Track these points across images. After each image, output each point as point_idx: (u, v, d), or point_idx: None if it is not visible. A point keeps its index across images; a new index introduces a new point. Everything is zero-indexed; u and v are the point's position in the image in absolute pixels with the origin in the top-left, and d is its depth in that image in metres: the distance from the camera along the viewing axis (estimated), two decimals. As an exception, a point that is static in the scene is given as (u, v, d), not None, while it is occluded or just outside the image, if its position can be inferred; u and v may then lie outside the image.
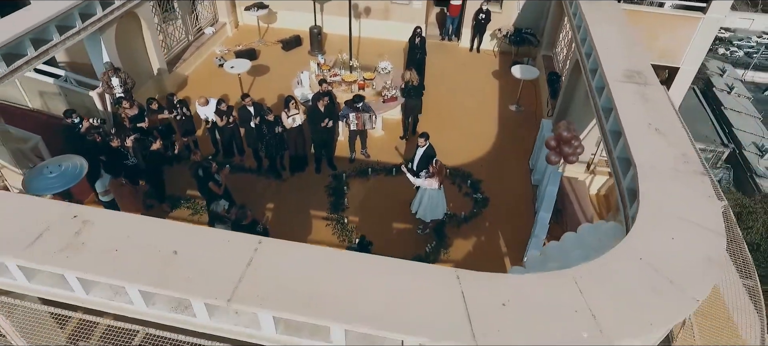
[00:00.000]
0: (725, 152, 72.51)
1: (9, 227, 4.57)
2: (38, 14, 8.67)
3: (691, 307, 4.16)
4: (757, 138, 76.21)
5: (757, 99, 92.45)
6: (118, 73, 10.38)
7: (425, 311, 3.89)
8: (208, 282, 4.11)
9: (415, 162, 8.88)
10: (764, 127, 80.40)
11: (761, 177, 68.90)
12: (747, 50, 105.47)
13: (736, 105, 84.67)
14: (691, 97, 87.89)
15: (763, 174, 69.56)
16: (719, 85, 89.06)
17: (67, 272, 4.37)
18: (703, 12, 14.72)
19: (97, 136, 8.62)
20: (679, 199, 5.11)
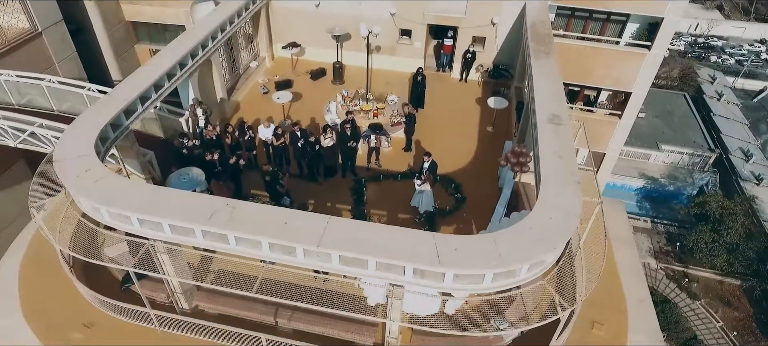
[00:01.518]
0: (712, 157, 76.37)
1: (196, 211, 8.58)
2: (157, 69, 12.69)
3: (551, 254, 8.16)
4: (744, 143, 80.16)
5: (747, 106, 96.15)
6: (201, 105, 14.43)
7: (416, 253, 7.89)
8: (305, 237, 8.12)
9: (423, 171, 12.88)
10: (751, 133, 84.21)
11: (745, 180, 72.83)
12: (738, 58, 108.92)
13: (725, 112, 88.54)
14: (681, 104, 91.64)
15: (747, 178, 73.53)
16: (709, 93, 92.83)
17: (230, 232, 8.37)
18: (648, 49, 18.55)
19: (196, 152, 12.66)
20: (561, 197, 9.07)
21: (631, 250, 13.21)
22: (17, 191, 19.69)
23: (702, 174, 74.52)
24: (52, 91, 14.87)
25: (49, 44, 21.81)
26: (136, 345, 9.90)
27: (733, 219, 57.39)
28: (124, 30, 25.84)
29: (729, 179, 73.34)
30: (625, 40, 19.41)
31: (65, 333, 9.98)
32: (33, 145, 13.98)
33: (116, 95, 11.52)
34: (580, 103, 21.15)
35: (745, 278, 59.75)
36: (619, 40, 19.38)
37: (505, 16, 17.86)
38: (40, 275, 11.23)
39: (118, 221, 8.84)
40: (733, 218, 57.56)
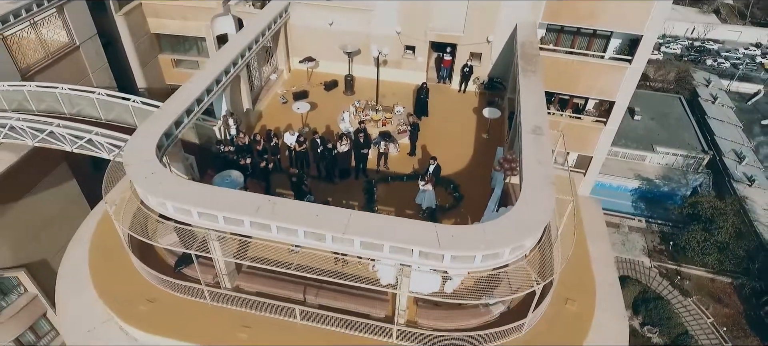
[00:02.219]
0: (706, 159, 78.49)
1: (245, 205, 10.73)
2: (198, 85, 14.83)
3: (529, 240, 10.29)
4: (737, 145, 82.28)
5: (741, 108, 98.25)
6: (232, 116, 16.59)
7: (421, 238, 10.04)
8: (333, 227, 10.26)
9: (427, 173, 14.99)
10: (744, 135, 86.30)
11: (738, 182, 75.02)
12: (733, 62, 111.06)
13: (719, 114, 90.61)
14: (677, 107, 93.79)
15: (739, 179, 75.75)
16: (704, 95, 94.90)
17: (273, 222, 10.52)
18: (629, 63, 20.57)
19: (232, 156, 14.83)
20: (538, 195, 11.20)
21: (603, 242, 15.35)
22: (60, 189, 21.90)
23: (696, 175, 76.65)
24: (101, 102, 17.00)
25: (85, 56, 24.01)
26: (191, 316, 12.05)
27: (724, 219, 59.53)
28: (148, 42, 28.02)
29: (722, 180, 75.44)
30: (609, 55, 21.49)
31: (133, 306, 12.14)
32: (88, 151, 16.12)
33: (167, 109, 13.68)
34: (569, 110, 23.18)
35: (736, 276, 61.86)
36: (604, 55, 21.46)
37: (499, 35, 19.97)
38: (105, 261, 13.39)
39: (180, 213, 10.99)
40: (723, 217, 59.70)
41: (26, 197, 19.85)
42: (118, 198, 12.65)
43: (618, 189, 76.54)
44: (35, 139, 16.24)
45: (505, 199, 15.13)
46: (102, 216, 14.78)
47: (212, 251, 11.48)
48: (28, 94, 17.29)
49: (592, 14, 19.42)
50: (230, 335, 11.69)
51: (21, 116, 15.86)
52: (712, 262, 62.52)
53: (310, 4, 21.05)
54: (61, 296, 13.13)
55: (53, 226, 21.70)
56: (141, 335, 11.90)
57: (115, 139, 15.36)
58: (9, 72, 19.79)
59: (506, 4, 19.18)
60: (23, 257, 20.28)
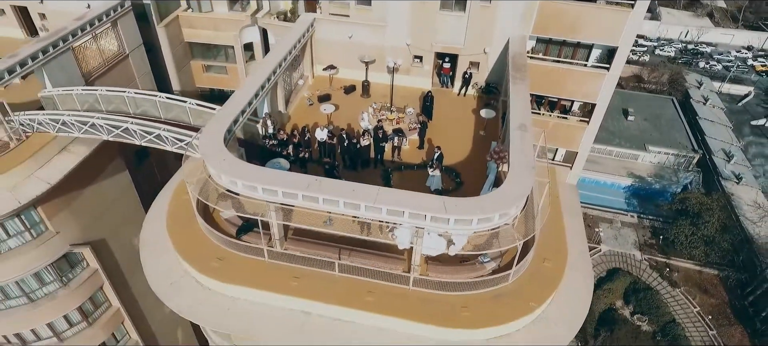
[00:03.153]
0: (696, 157, 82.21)
1: (298, 183, 14.18)
2: (248, 91, 18.25)
3: (513, 209, 13.76)
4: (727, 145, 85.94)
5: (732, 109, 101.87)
6: (271, 117, 20.05)
7: (432, 207, 13.51)
8: (366, 198, 13.73)
9: (434, 160, 18.40)
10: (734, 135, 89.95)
11: (726, 179, 78.75)
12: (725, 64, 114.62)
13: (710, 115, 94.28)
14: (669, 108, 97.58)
15: (728, 177, 79.50)
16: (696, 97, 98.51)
17: (320, 195, 13.98)
18: (607, 70, 23.92)
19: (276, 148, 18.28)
20: (521, 177, 14.64)
21: (577, 219, 18.81)
22: (115, 179, 25.38)
23: (686, 173, 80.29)
24: (161, 104, 20.41)
25: (133, 63, 27.50)
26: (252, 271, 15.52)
27: (710, 214, 63.09)
28: (183, 49, 31.49)
29: (711, 178, 79.06)
30: (591, 63, 24.93)
31: (207, 262, 15.58)
32: (155, 144, 19.54)
33: (227, 110, 17.14)
34: (557, 111, 26.59)
35: (721, 268, 65.37)
36: (587, 63, 24.89)
37: (494, 47, 23.40)
38: (179, 230, 16.83)
39: (248, 190, 14.43)
40: (710, 212, 63.27)
41: (92, 184, 23.29)
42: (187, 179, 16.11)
43: (612, 186, 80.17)
44: (111, 133, 19.70)
45: (497, 183, 18.56)
46: (172, 196, 18.22)
47: (271, 219, 14.93)
48: (99, 97, 20.74)
49: (575, 28, 22.79)
50: (284, 284, 15.12)
51: (101, 115, 19.31)
52: (699, 255, 66.08)
53: (333, 19, 24.53)
54: (146, 257, 16.61)
55: (110, 210, 25.18)
56: (214, 284, 15.36)
57: (179, 134, 18.78)
58: (76, 77, 23.26)
59: (500, 21, 22.62)
60: (87, 235, 23.74)
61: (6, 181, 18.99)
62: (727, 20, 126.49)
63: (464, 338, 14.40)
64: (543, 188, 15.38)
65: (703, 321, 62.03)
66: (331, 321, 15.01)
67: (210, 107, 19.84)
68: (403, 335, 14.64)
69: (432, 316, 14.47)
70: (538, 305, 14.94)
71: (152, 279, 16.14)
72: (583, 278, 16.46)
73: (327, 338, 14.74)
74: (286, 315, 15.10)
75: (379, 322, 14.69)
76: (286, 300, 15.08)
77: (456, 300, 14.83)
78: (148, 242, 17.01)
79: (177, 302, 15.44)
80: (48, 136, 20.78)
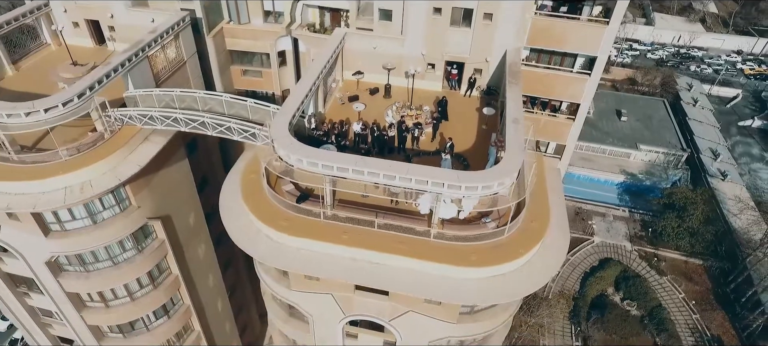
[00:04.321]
0: (684, 156, 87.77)
1: (348, 160, 19.17)
2: (301, 91, 23.21)
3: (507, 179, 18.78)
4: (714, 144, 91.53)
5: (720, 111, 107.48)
6: (313, 116, 25.02)
7: (448, 177, 18.52)
8: (399, 171, 18.74)
9: (446, 148, 23.33)
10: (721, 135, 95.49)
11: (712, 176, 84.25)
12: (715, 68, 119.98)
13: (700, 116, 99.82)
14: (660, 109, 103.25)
15: (714, 174, 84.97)
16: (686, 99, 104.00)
17: (365, 169, 18.96)
18: (589, 75, 28.82)
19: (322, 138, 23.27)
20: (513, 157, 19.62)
21: (559, 195, 23.74)
22: (178, 165, 30.38)
23: (675, 171, 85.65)
24: (226, 102, 25.33)
25: (189, 69, 32.50)
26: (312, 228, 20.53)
27: (694, 207, 68.22)
28: (225, 56, 36.44)
29: (699, 176, 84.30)
30: (575, 69, 29.86)
31: (277, 222, 20.56)
32: (224, 135, 24.49)
33: (287, 107, 22.09)
34: (548, 110, 31.53)
35: (705, 258, 70.59)
36: (572, 69, 29.82)
37: (494, 57, 28.36)
38: (252, 198, 21.79)
39: (310, 166, 19.36)
40: (694, 206, 68.40)
41: (162, 169, 28.25)
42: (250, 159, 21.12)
43: (605, 183, 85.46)
44: (188, 126, 24.71)
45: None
46: (241, 175, 23.21)
47: (326, 188, 19.93)
48: (175, 96, 25.72)
49: (562, 40, 27.70)
50: (337, 237, 20.08)
51: (181, 111, 24.31)
52: (685, 245, 71.41)
53: (359, 33, 29.54)
54: (228, 220, 21.59)
55: (174, 191, 30.19)
56: (284, 238, 20.35)
57: (244, 126, 23.76)
58: (149, 80, 28.24)
59: (499, 35, 27.59)
60: (158, 211, 28.72)
61: (108, 164, 23.95)
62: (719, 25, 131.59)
63: (471, 275, 19.38)
64: (531, 167, 20.37)
65: (687, 306, 67.16)
66: (372, 264, 20.00)
67: (265, 105, 24.85)
68: (426, 273, 19.65)
69: (448, 259, 19.46)
70: (525, 253, 19.93)
71: (235, 235, 21.15)
72: (561, 236, 21.43)
73: (369, 276, 19.73)
74: (339, 260, 20.08)
75: (409, 264, 19.67)
76: (338, 249, 20.05)
77: (465, 249, 19.81)
78: (227, 209, 21.99)
79: (256, 251, 20.49)
80: (134, 128, 25.78)
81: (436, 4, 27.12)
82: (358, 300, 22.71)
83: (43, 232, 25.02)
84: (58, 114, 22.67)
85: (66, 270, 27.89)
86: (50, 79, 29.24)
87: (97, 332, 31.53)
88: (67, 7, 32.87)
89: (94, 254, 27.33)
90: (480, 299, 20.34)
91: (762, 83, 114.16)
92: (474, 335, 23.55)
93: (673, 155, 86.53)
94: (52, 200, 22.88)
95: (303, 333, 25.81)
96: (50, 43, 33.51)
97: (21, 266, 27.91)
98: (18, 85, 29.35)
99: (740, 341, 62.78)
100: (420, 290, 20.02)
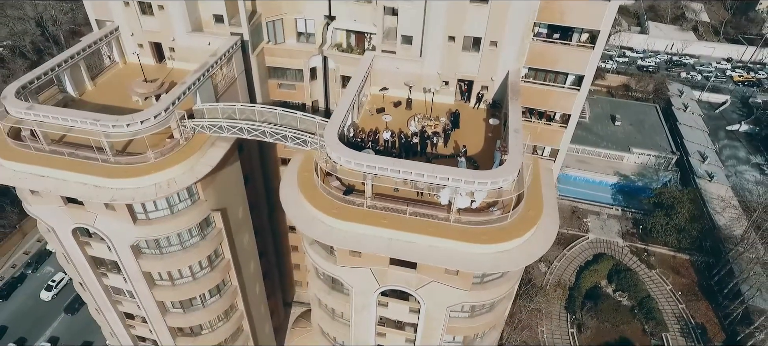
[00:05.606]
0: (674, 158, 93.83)
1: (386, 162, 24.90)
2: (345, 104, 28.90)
3: (510, 176, 24.53)
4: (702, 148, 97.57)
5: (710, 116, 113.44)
6: (351, 127, 30.73)
7: (465, 174, 24.26)
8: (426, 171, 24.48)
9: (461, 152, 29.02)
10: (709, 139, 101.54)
11: (700, 178, 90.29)
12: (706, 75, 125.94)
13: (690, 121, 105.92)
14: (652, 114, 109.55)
15: (702, 175, 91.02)
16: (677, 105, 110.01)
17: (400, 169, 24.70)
18: (578, 90, 34.56)
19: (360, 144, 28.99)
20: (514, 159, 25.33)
21: (551, 190, 29.43)
22: (233, 166, 36.09)
23: (665, 172, 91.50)
24: (279, 114, 30.98)
25: (238, 84, 38.24)
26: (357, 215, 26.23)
27: (681, 206, 73.93)
28: (264, 71, 42.18)
29: (687, 177, 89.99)
30: (567, 85, 35.56)
31: (330, 209, 26.26)
32: (279, 141, 30.17)
33: (334, 119, 27.75)
34: (544, 119, 37.24)
35: (691, 253, 76.28)
36: (564, 85, 35.52)
37: (498, 76, 34.03)
38: (308, 191, 27.49)
39: (357, 166, 25.03)
40: (681, 205, 74.10)
41: (222, 169, 33.96)
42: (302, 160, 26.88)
43: (600, 183, 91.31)
44: (250, 134, 30.43)
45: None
46: (297, 173, 28.88)
47: (367, 183, 25.62)
48: (236, 109, 31.43)
49: (555, 62, 33.37)
50: (377, 221, 25.78)
51: (245, 121, 30.04)
52: (672, 241, 77.25)
53: (385, 56, 35.27)
54: (289, 207, 27.30)
55: (229, 188, 35.92)
56: (335, 223, 26.05)
57: (297, 134, 29.45)
58: (211, 95, 33.96)
59: (503, 58, 33.27)
60: (218, 204, 34.44)
61: (187, 165, 29.62)
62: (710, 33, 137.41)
63: (483, 250, 25.12)
64: (528, 168, 26.09)
65: (674, 297, 72.90)
66: (405, 242, 25.72)
67: (311, 116, 30.59)
68: (447, 249, 25.37)
69: (464, 238, 25.17)
70: (524, 234, 25.65)
71: (296, 221, 26.91)
72: (552, 222, 27.12)
73: (403, 251, 25.47)
74: (379, 239, 25.79)
75: (434, 242, 25.37)
76: (379, 231, 25.74)
77: (477, 231, 25.50)
78: (289, 200, 27.72)
79: (314, 232, 26.26)
80: (203, 136, 31.51)
81: (450, 33, 32.85)
82: (391, 273, 28.45)
83: (132, 220, 30.75)
84: (150, 125, 28.41)
85: (144, 253, 33.64)
86: (126, 93, 35.05)
87: (161, 306, 37.21)
88: (134, 31, 38.64)
89: (169, 239, 33.06)
90: (490, 268, 26.10)
91: (749, 90, 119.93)
92: (483, 301, 29.32)
93: (663, 158, 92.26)
94: (146, 193, 28.62)
95: (343, 303, 31.55)
96: (118, 61, 39.25)
97: (104, 250, 33.66)
98: (98, 98, 35.14)
99: (722, 328, 68.43)
100: (443, 262, 25.74)
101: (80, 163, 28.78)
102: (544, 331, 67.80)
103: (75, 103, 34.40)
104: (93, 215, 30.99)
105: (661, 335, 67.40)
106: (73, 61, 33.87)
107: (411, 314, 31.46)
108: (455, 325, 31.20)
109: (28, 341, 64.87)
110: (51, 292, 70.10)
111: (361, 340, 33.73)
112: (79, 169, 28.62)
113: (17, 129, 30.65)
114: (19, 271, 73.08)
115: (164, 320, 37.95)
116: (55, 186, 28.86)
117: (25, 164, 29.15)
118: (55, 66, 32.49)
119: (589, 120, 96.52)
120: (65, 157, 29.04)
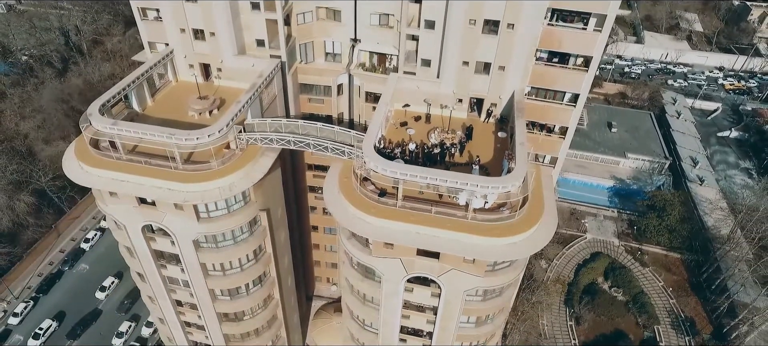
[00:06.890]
0: (666, 163, 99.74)
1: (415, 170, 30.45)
2: (378, 119, 34.43)
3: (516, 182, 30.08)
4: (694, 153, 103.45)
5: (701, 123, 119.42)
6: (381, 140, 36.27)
7: (479, 180, 29.79)
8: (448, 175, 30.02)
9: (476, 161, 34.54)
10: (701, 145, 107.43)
11: (691, 182, 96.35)
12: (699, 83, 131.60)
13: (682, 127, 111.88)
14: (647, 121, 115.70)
15: (693, 179, 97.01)
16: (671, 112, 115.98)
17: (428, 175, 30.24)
18: (574, 106, 40.16)
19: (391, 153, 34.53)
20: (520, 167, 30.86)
21: (551, 193, 34.95)
22: (277, 172, 41.57)
23: (659, 176, 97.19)
24: (319, 128, 36.45)
25: (278, 102, 43.80)
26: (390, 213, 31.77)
27: (672, 208, 79.48)
28: (297, 88, 47.77)
29: (680, 181, 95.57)
30: (564, 102, 41.09)
31: (368, 209, 31.78)
32: (320, 152, 35.66)
33: (371, 132, 33.25)
34: (545, 131, 42.76)
35: (681, 252, 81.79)
36: (562, 102, 41.05)
37: (505, 94, 39.54)
38: (348, 194, 33.00)
39: (392, 173, 30.54)
40: (672, 207, 79.65)
41: (269, 174, 39.45)
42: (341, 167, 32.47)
43: (597, 187, 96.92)
44: (296, 145, 35.96)
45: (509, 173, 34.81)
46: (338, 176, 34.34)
47: (399, 187, 31.15)
48: (282, 124, 36.95)
49: (554, 82, 38.91)
50: (407, 218, 31.28)
51: (292, 135, 35.58)
52: (664, 241, 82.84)
53: (406, 76, 40.81)
54: (333, 207, 32.81)
55: (272, 191, 41.44)
56: (372, 219, 31.55)
57: (337, 145, 34.95)
58: (258, 111, 39.50)
59: (509, 79, 38.79)
60: (264, 205, 39.96)
61: (243, 171, 35.15)
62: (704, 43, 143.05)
63: (495, 243, 30.63)
64: (532, 175, 31.65)
65: (666, 292, 78.37)
66: (431, 236, 31.26)
67: (346, 130, 36.11)
68: (465, 242, 30.88)
69: (480, 233, 30.69)
70: (528, 229, 31.19)
71: (340, 218, 32.43)
72: (551, 220, 32.64)
73: (429, 243, 31.01)
74: (408, 233, 31.31)
75: (455, 236, 30.87)
76: (409, 226, 31.26)
77: (490, 226, 31.03)
78: (332, 201, 33.27)
79: (355, 227, 31.79)
80: (255, 147, 37.02)
81: (464, 59, 38.44)
82: (417, 262, 33.97)
83: (196, 218, 36.29)
84: (215, 138, 33.96)
85: (202, 246, 39.17)
86: (181, 108, 40.58)
87: (212, 294, 42.71)
88: (187, 53, 44.17)
89: (224, 235, 38.60)
90: (501, 257, 31.63)
91: (740, 98, 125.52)
92: (494, 286, 34.85)
93: (657, 163, 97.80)
94: (212, 195, 34.18)
95: (374, 289, 37.08)
96: (172, 80, 44.81)
97: (167, 244, 39.19)
98: (158, 113, 40.66)
99: (709, 321, 73.88)
100: (463, 252, 31.25)
101: (155, 170, 34.29)
102: (545, 323, 73.24)
103: (139, 117, 39.95)
104: (163, 214, 36.53)
105: (653, 327, 72.85)
106: (139, 80, 39.40)
107: (432, 298, 36.97)
108: (470, 307, 36.67)
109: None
110: (38, 340, 68.29)
111: (389, 321, 39.25)
112: (154, 175, 34.13)
113: (95, 140, 36.20)
114: (57, 268, 78.65)
115: (213, 306, 43.45)
116: (134, 189, 34.41)
117: (107, 170, 34.66)
118: (126, 86, 38.04)
119: (587, 127, 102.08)
120: (142, 165, 34.55)
